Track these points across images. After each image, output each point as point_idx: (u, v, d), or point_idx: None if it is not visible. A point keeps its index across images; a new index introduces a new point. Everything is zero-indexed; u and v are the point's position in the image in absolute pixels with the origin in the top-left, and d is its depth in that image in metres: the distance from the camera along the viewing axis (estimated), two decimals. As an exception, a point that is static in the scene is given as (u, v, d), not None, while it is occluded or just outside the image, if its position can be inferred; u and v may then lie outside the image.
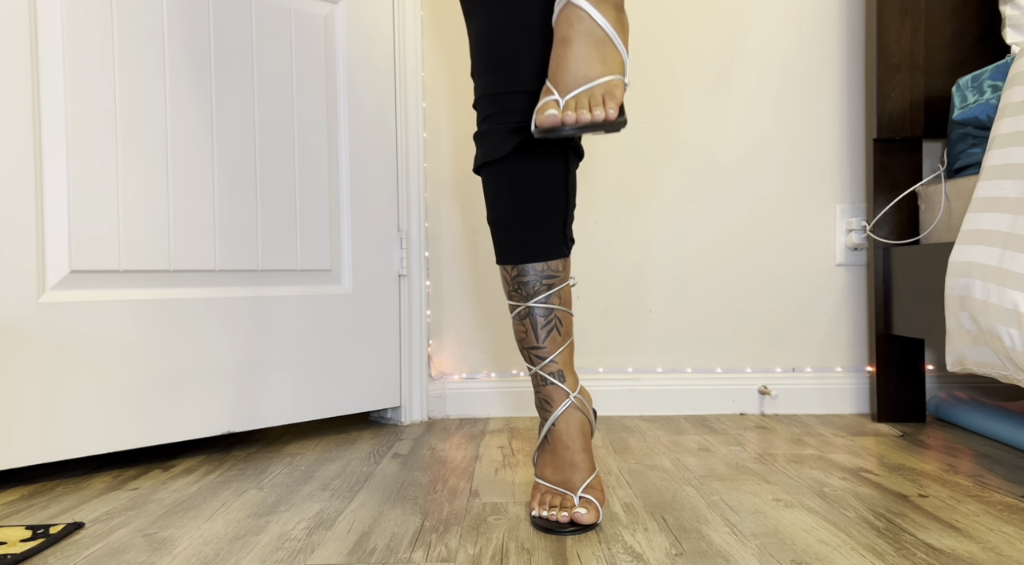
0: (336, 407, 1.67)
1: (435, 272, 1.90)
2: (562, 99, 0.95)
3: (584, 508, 1.03)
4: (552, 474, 1.09)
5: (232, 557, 0.95)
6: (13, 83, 1.27)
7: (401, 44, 1.79)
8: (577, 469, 1.07)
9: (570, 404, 1.09)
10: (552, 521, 1.03)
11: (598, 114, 0.92)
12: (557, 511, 1.03)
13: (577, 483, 1.06)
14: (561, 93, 0.96)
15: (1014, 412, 1.60)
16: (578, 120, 0.92)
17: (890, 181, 1.75)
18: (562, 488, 1.07)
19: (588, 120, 0.92)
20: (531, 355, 1.11)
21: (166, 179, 1.43)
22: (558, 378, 1.10)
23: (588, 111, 0.93)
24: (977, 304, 1.17)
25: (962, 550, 0.94)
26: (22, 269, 1.28)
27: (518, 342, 1.13)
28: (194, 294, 1.46)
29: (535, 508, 1.06)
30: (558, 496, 1.06)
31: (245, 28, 1.53)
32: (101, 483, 1.31)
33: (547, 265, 1.08)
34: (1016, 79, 1.24)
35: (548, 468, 1.10)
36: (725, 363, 1.90)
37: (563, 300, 1.10)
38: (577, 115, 0.93)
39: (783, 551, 0.94)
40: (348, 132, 1.68)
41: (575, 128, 0.93)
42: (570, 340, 1.11)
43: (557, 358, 1.10)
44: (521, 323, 1.11)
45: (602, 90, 0.95)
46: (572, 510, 1.03)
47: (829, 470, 1.32)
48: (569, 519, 1.02)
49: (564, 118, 0.93)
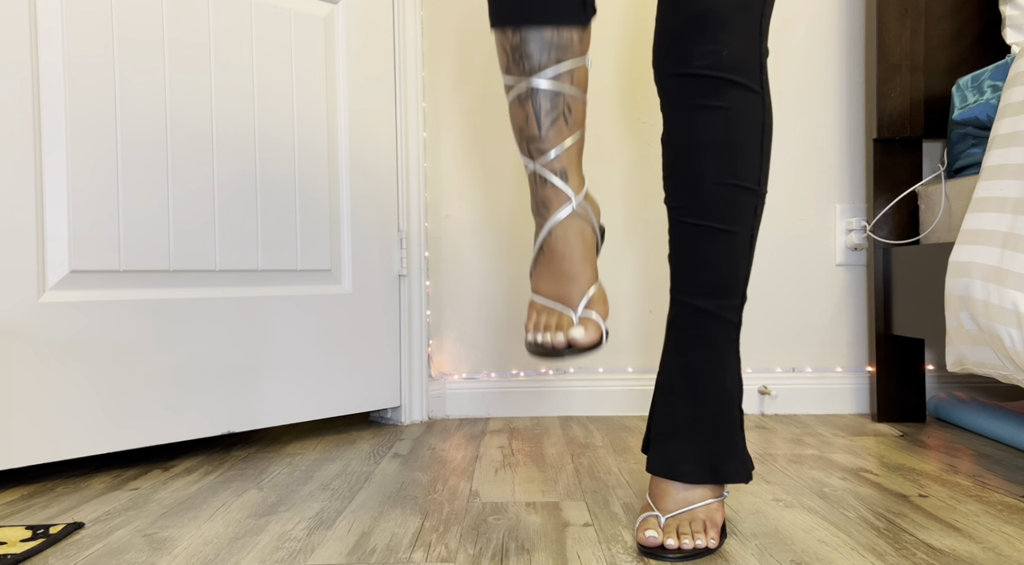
0: (336, 407, 1.67)
1: (435, 272, 1.90)
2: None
3: (582, 326, 0.88)
4: (548, 287, 0.93)
5: (232, 557, 0.95)
6: (13, 83, 1.27)
7: (401, 44, 1.79)
8: (575, 281, 0.92)
9: (571, 211, 0.92)
10: (547, 346, 0.89)
11: (700, 541, 0.93)
12: (552, 333, 0.89)
13: (576, 297, 0.91)
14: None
15: (1014, 412, 1.60)
16: (680, 547, 0.92)
17: (890, 181, 1.75)
18: (559, 303, 0.92)
19: (690, 547, 0.92)
20: (530, 148, 0.92)
21: (166, 179, 1.43)
22: (560, 178, 0.92)
23: (690, 537, 0.93)
24: (977, 304, 1.17)
25: (962, 550, 0.94)
26: (22, 269, 1.28)
27: (516, 132, 0.94)
28: (194, 294, 1.47)
29: (529, 330, 0.92)
30: (554, 315, 0.91)
31: (245, 28, 1.53)
32: (101, 483, 1.31)
33: (557, 32, 0.88)
34: (1016, 79, 1.24)
35: (544, 281, 0.94)
36: (725, 363, 1.90)
37: (576, 81, 0.91)
38: (679, 542, 0.93)
39: (783, 551, 0.94)
40: (348, 132, 1.68)
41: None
42: (580, 133, 0.93)
43: (562, 155, 0.92)
44: (520, 107, 0.91)
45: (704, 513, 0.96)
46: (568, 331, 0.88)
47: (829, 470, 1.32)
48: (566, 342, 0.88)
49: (665, 542, 0.93)
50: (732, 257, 0.97)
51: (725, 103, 0.94)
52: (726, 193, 0.96)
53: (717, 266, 0.97)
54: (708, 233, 0.96)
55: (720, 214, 0.96)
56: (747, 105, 0.96)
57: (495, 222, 1.91)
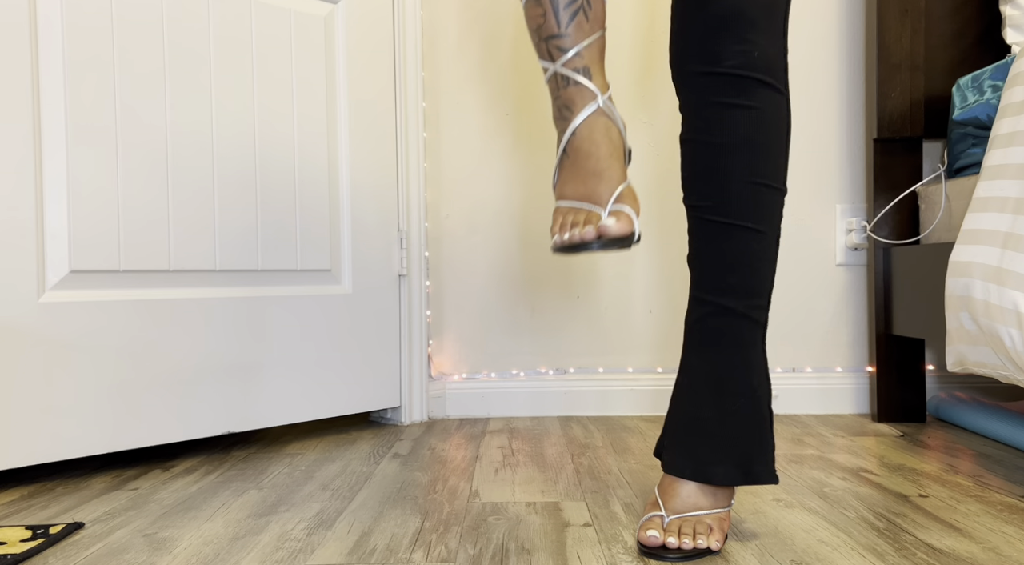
0: (336, 407, 1.67)
1: (435, 272, 1.90)
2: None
3: (614, 217, 0.84)
4: (573, 189, 0.89)
5: (232, 557, 0.95)
6: (13, 83, 1.27)
7: (401, 44, 1.79)
8: (603, 178, 0.87)
9: (597, 108, 0.88)
10: (575, 240, 0.85)
11: (701, 543, 0.92)
12: (580, 228, 0.85)
13: (605, 195, 0.87)
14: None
15: (1014, 412, 1.60)
16: (680, 546, 0.92)
17: (890, 181, 1.75)
18: (587, 203, 0.87)
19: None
20: (549, 47, 0.88)
21: (166, 179, 1.43)
22: (584, 75, 0.88)
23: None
24: (977, 304, 1.17)
25: (962, 550, 0.94)
26: (22, 269, 1.28)
27: (532, 32, 0.89)
28: (194, 294, 1.47)
29: (555, 233, 0.88)
30: (582, 213, 0.87)
31: (245, 28, 1.53)
32: (101, 483, 1.31)
33: None
34: (1016, 79, 1.24)
35: (569, 185, 0.90)
36: (725, 363, 1.90)
37: None
38: (680, 541, 0.92)
39: (783, 551, 0.94)
40: (348, 132, 1.68)
41: None
42: (601, 33, 0.89)
43: (584, 51, 0.88)
44: (537, 3, 0.87)
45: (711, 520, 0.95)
46: (599, 222, 0.84)
47: (829, 470, 1.32)
48: (596, 233, 0.84)
49: (666, 541, 0.92)
50: (760, 256, 0.96)
51: (756, 102, 0.93)
52: (755, 192, 0.94)
53: (745, 265, 0.95)
54: (736, 231, 0.94)
55: (749, 213, 0.94)
56: (775, 105, 0.95)
57: (495, 222, 1.91)
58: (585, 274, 1.90)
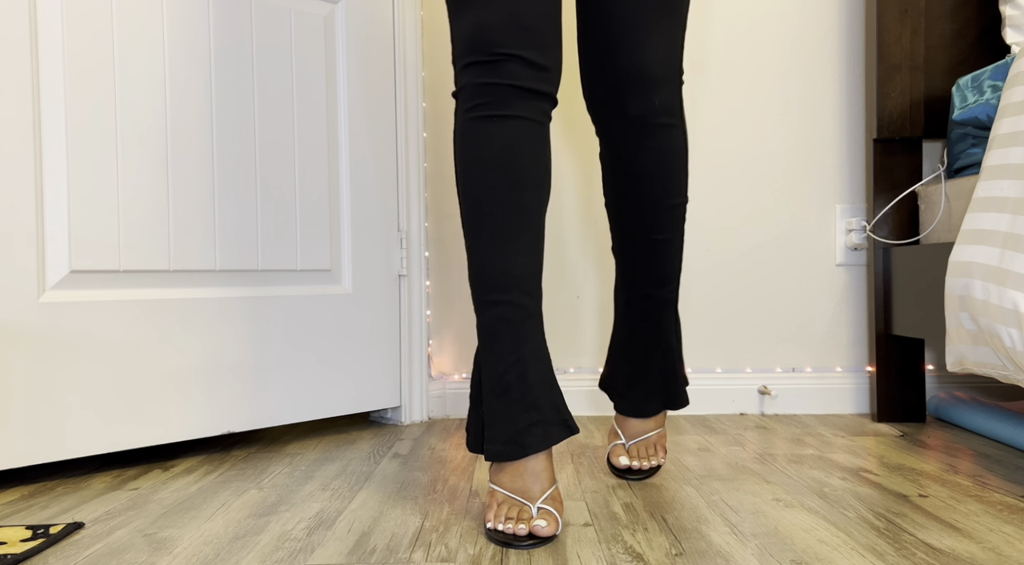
0: (336, 407, 1.67)
1: (435, 272, 1.90)
2: None
3: (543, 520, 0.96)
4: (510, 482, 1.01)
5: (232, 557, 0.95)
6: (13, 83, 1.27)
7: (401, 44, 1.79)
8: (538, 479, 1.01)
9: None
10: (509, 534, 0.96)
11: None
12: (514, 524, 0.96)
13: (537, 493, 1.00)
14: None
15: (1014, 412, 1.60)
16: (640, 467, 1.27)
17: (890, 181, 1.75)
18: (520, 497, 1.00)
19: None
20: None
21: (166, 179, 1.43)
22: None
23: None
24: (977, 304, 1.17)
25: (962, 550, 0.94)
26: (22, 269, 1.28)
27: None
28: (194, 294, 1.47)
29: (490, 520, 0.99)
30: (515, 507, 0.99)
31: (245, 28, 1.53)
32: (101, 483, 1.31)
33: None
34: (1016, 79, 1.24)
35: (506, 475, 1.02)
36: (725, 363, 1.90)
37: None
38: (640, 464, 1.28)
39: (783, 551, 0.94)
40: (348, 132, 1.68)
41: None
42: None
43: None
44: None
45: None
46: (531, 522, 0.96)
47: (829, 470, 1.32)
48: (528, 532, 0.96)
49: (631, 465, 1.27)
50: (671, 254, 1.23)
51: (657, 143, 1.15)
52: (664, 211, 1.20)
53: (660, 262, 1.23)
54: (652, 241, 1.21)
55: (660, 227, 1.20)
56: (673, 139, 1.17)
57: (495, 222, 1.90)
58: (585, 274, 1.90)
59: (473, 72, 1.01)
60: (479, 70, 1.00)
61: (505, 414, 1.02)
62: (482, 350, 1.06)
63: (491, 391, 1.03)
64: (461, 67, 1.03)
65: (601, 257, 1.90)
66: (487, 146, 1.01)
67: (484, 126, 1.01)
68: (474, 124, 1.02)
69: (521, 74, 1.00)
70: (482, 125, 1.01)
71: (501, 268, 1.03)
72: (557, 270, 1.90)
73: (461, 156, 1.04)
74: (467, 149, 1.03)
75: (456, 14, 1.03)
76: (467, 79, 1.02)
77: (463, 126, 1.04)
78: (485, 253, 1.04)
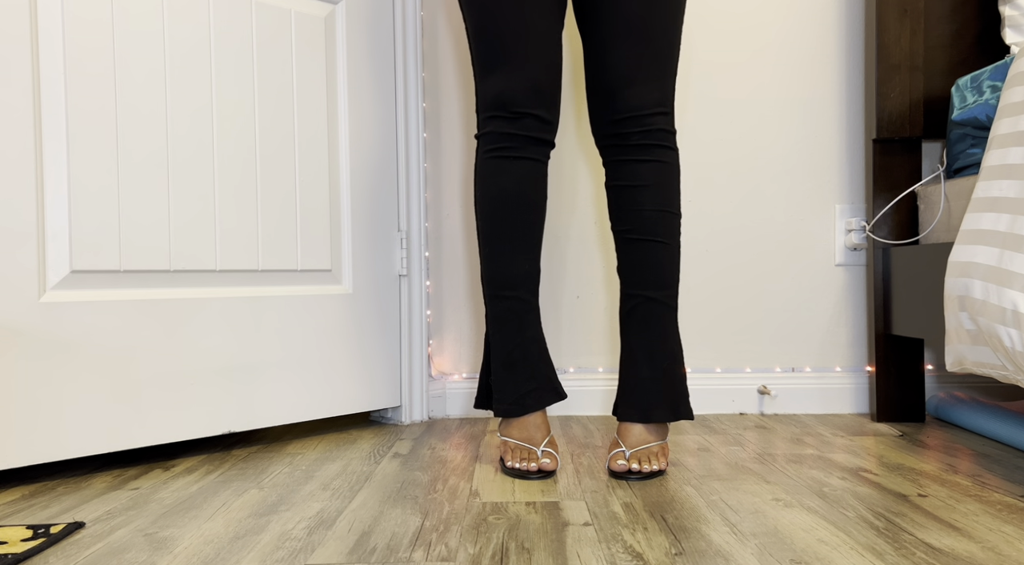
0: (336, 407, 1.67)
1: (435, 272, 1.90)
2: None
3: (547, 458, 1.30)
4: (518, 432, 1.34)
5: (232, 557, 0.95)
6: (13, 83, 1.27)
7: (401, 44, 1.79)
8: (539, 429, 1.34)
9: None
10: (523, 470, 1.29)
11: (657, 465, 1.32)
12: (527, 463, 1.29)
13: (539, 440, 1.32)
14: None
15: (1014, 412, 1.60)
16: (641, 470, 1.30)
17: (890, 181, 1.75)
18: (527, 444, 1.32)
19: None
20: None
21: (166, 179, 1.43)
22: None
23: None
24: (976, 304, 1.17)
25: (961, 550, 0.94)
26: (23, 269, 1.28)
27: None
28: (194, 294, 1.47)
29: (508, 461, 1.31)
30: (525, 450, 1.31)
31: (245, 28, 1.53)
32: (102, 483, 1.31)
33: None
34: (1015, 79, 1.24)
35: (514, 428, 1.34)
36: (724, 363, 1.90)
37: None
38: (641, 467, 1.31)
39: (783, 551, 0.94)
40: (348, 132, 1.68)
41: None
42: None
43: None
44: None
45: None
46: (539, 460, 1.29)
47: (829, 470, 1.33)
48: (537, 467, 1.28)
49: (631, 467, 1.30)
50: (668, 260, 1.35)
51: (656, 157, 1.34)
52: (661, 216, 1.34)
53: (659, 266, 1.35)
54: (650, 244, 1.34)
55: (659, 231, 1.34)
56: (668, 158, 1.35)
57: (495, 222, 1.90)
58: (585, 274, 1.90)
59: (497, 123, 1.32)
60: (502, 123, 1.32)
61: (511, 382, 1.34)
62: (493, 333, 1.36)
63: (500, 364, 1.35)
64: (486, 117, 1.34)
65: (600, 260, 1.90)
66: (506, 179, 1.32)
67: (504, 164, 1.33)
68: (496, 162, 1.33)
69: (534, 127, 1.32)
70: (503, 163, 1.33)
71: (512, 271, 1.34)
72: (557, 270, 1.91)
73: (483, 184, 1.34)
74: (488, 180, 1.34)
75: (484, 77, 1.33)
76: (492, 128, 1.33)
77: (486, 163, 1.34)
78: (500, 258, 1.34)
